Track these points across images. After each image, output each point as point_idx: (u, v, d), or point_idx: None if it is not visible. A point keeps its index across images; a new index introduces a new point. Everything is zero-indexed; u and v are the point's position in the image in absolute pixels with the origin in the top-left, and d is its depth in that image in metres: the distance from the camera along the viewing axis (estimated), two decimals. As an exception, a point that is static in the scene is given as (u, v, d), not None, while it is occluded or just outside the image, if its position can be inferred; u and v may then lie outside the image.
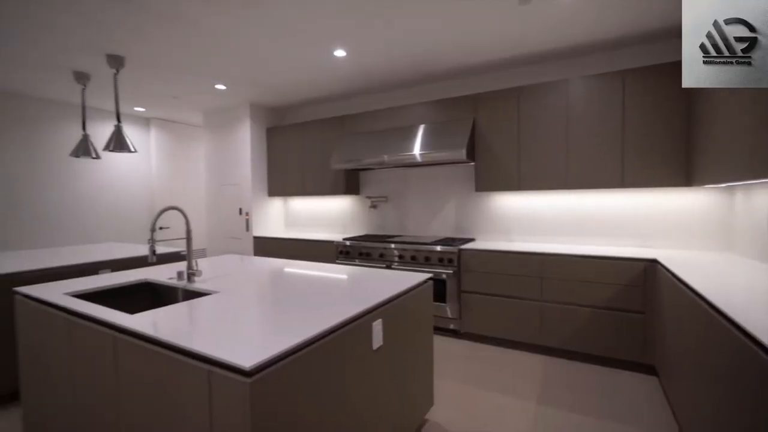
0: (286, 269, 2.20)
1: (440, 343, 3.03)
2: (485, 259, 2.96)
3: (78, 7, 2.22)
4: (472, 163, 3.36)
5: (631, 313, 2.48)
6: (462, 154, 3.02)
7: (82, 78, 3.34)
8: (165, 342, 1.08)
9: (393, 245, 3.38)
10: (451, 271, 3.07)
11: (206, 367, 0.98)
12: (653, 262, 2.40)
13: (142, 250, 3.04)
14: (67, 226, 4.40)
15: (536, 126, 2.98)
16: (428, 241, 3.38)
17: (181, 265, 2.14)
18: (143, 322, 1.24)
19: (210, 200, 4.91)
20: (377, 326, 1.42)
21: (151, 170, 5.23)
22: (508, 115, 3.08)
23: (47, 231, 4.22)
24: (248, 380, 0.90)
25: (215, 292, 1.64)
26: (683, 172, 2.53)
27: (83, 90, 3.46)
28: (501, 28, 2.56)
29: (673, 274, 1.94)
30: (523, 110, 3.02)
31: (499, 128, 3.12)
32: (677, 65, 2.25)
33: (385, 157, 3.41)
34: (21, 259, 2.63)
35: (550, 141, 2.93)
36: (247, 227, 4.48)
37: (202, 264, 2.22)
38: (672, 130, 2.54)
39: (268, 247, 4.27)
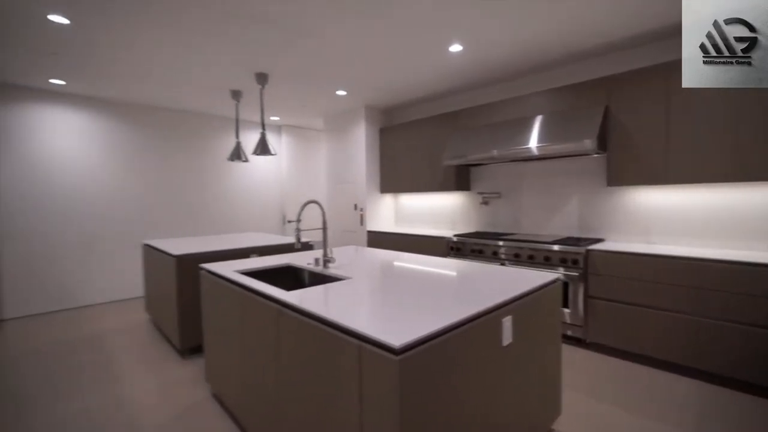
0: (407, 261, 2.30)
1: (563, 350, 2.79)
2: (620, 263, 2.61)
3: (239, 36, 2.68)
4: (597, 155, 2.99)
5: (841, 342, 1.90)
6: (590, 144, 2.71)
7: (236, 95, 4.02)
8: (322, 317, 1.25)
9: (508, 243, 3.24)
10: (575, 274, 2.80)
11: (356, 342, 1.10)
12: None
13: (278, 239, 3.54)
14: (221, 217, 5.37)
15: (692, 107, 2.49)
16: (548, 239, 3.13)
17: (316, 253, 2.43)
18: (299, 298, 1.45)
19: (329, 197, 5.41)
20: (507, 323, 1.39)
21: (282, 171, 6.02)
22: (653, 96, 2.65)
23: (206, 221, 5.22)
24: (397, 358, 0.98)
25: (348, 278, 1.81)
26: None
27: (237, 105, 4.17)
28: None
29: None
30: (675, 89, 2.56)
31: (642, 112, 2.71)
32: None
33: (495, 152, 3.27)
34: (195, 243, 3.32)
35: (713, 123, 2.42)
36: (362, 222, 4.82)
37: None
38: None
39: (380, 240, 4.51)
